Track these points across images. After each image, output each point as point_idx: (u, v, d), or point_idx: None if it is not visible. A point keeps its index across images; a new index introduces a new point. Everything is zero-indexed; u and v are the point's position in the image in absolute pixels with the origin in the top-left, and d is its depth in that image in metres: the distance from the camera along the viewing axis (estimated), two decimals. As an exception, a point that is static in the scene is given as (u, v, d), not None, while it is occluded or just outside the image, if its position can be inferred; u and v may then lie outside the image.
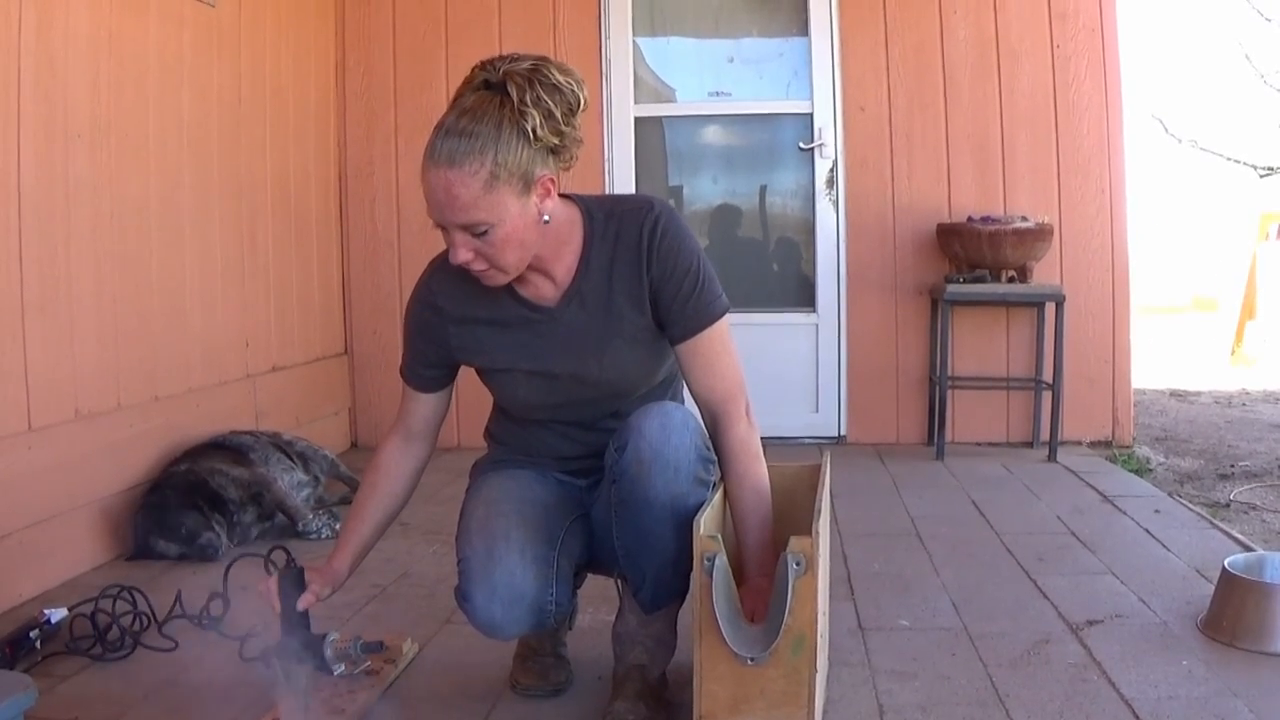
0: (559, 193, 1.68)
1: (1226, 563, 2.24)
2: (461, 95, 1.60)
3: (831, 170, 4.34)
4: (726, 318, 1.74)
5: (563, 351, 1.75)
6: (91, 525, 2.77)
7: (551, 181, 1.62)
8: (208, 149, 3.38)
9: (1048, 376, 4.12)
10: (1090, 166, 4.22)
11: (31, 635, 2.10)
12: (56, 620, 2.17)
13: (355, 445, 4.44)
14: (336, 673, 1.88)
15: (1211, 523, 3.09)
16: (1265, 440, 4.82)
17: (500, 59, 1.59)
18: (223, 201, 3.48)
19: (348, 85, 4.41)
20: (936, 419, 4.13)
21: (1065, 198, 4.23)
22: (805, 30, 4.35)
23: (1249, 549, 2.74)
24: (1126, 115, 4.22)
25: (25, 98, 2.55)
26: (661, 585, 1.72)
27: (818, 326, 4.38)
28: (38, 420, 2.59)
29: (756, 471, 1.73)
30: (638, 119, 4.43)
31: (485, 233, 1.57)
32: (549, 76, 1.57)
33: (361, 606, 2.45)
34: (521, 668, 1.97)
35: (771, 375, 4.21)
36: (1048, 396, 4.10)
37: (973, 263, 4.04)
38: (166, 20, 3.14)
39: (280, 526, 3.02)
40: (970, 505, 3.35)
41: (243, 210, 3.62)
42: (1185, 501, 3.43)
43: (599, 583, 2.04)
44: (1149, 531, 2.99)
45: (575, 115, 1.61)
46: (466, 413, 3.45)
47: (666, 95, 4.59)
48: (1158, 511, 3.22)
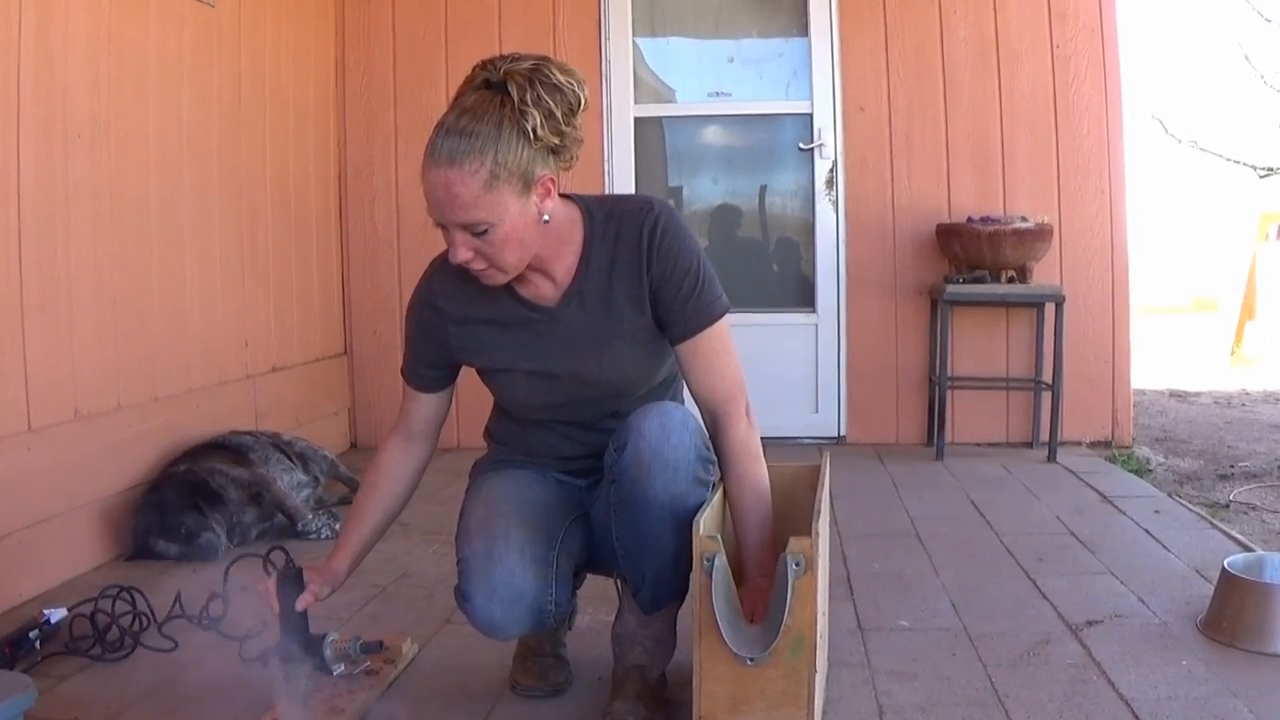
0: (559, 193, 1.68)
1: (1226, 563, 2.24)
2: (462, 94, 1.60)
3: (831, 170, 4.34)
4: (726, 318, 1.74)
5: (563, 351, 1.75)
6: (91, 525, 2.77)
7: (552, 181, 1.62)
8: (207, 149, 3.38)
9: (1047, 377, 4.12)
10: (1090, 167, 4.22)
11: (31, 635, 2.10)
12: (56, 620, 2.17)
13: (355, 445, 4.44)
14: (336, 673, 1.89)
15: (1211, 523, 3.09)
16: (1265, 441, 4.82)
17: (501, 58, 1.59)
18: (222, 201, 3.49)
19: (347, 85, 4.42)
20: (936, 419, 4.13)
21: (1065, 198, 4.23)
22: (805, 30, 4.35)
23: (1248, 549, 2.74)
24: (1126, 115, 4.22)
25: (25, 98, 2.55)
26: (661, 586, 1.72)
27: (817, 327, 4.38)
28: (37, 420, 2.59)
29: (756, 472, 1.73)
30: (637, 119, 4.43)
31: (485, 232, 1.57)
32: (550, 76, 1.57)
33: (361, 606, 2.45)
34: (521, 668, 1.97)
35: (771, 375, 4.21)
36: (1047, 397, 4.11)
37: (972, 263, 4.04)
38: (166, 20, 3.14)
39: (280, 527, 3.02)
40: (970, 505, 3.35)
41: (242, 210, 3.62)
42: (1185, 502, 3.42)
43: (598, 583, 2.04)
44: (1149, 532, 2.99)
45: (576, 115, 1.61)
46: (466, 413, 3.44)
47: (666, 95, 4.59)
48: (1157, 512, 3.22)
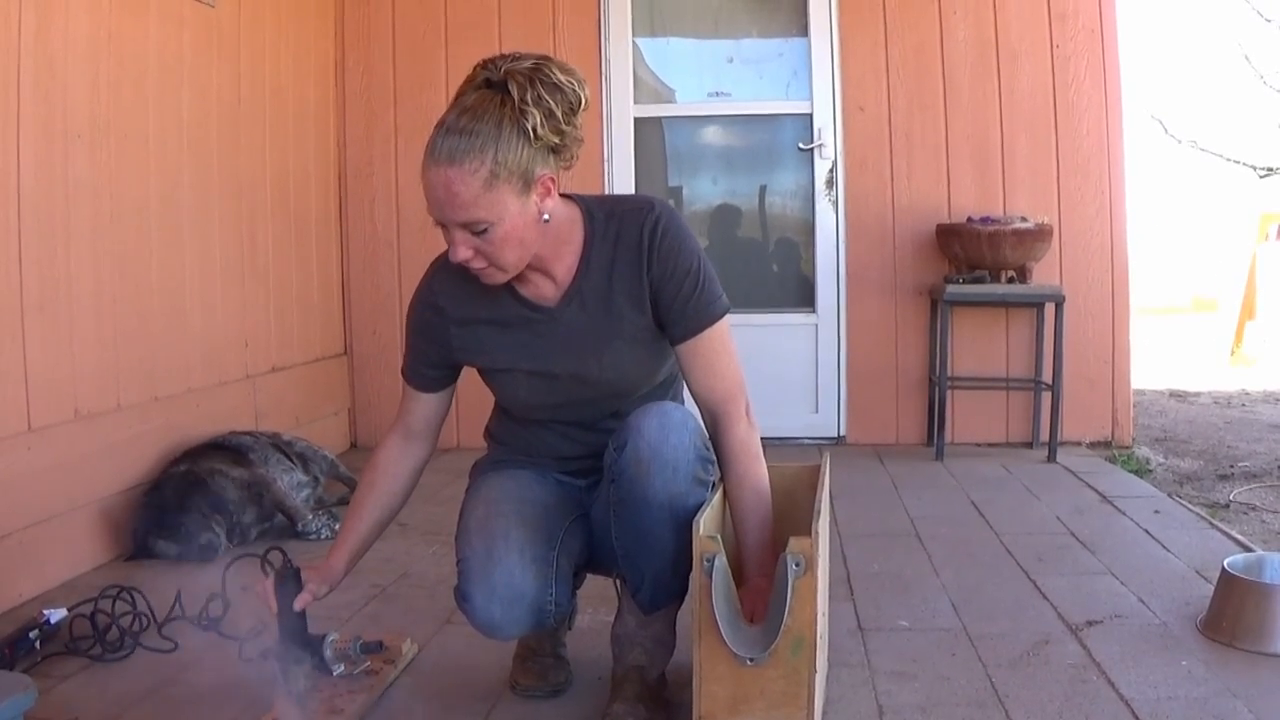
0: (560, 193, 1.68)
1: (1226, 563, 2.24)
2: (463, 94, 1.60)
3: (831, 171, 4.34)
4: (727, 318, 1.74)
5: (563, 351, 1.75)
6: (91, 526, 2.76)
7: (552, 181, 1.62)
8: (207, 149, 3.38)
9: (1047, 377, 4.12)
10: (1090, 167, 4.22)
11: (31, 636, 2.10)
12: (56, 621, 2.17)
13: (355, 445, 4.44)
14: (336, 673, 1.89)
15: (1211, 523, 3.09)
16: (1265, 441, 4.82)
17: (502, 58, 1.59)
18: (222, 202, 3.48)
19: (347, 85, 4.41)
20: (936, 419, 4.13)
21: (1065, 198, 4.23)
22: (805, 31, 4.35)
23: (1248, 549, 2.74)
24: (1126, 116, 4.22)
25: (25, 98, 2.55)
26: (660, 586, 1.72)
27: (817, 327, 4.38)
28: (37, 421, 2.59)
29: (756, 472, 1.73)
30: (637, 119, 4.43)
31: (485, 231, 1.57)
32: (550, 75, 1.57)
33: (361, 607, 2.45)
34: (521, 668, 1.97)
35: (771, 376, 4.21)
36: (1047, 397, 4.10)
37: (972, 263, 4.04)
38: (166, 21, 3.14)
39: (280, 527, 3.02)
40: (970, 506, 3.35)
41: (242, 210, 3.62)
42: (1185, 502, 3.42)
43: (598, 583, 2.04)
44: (1148, 532, 2.99)
45: (576, 115, 1.61)
46: (466, 413, 3.44)
47: (666, 96, 4.59)
48: (1157, 512, 3.22)
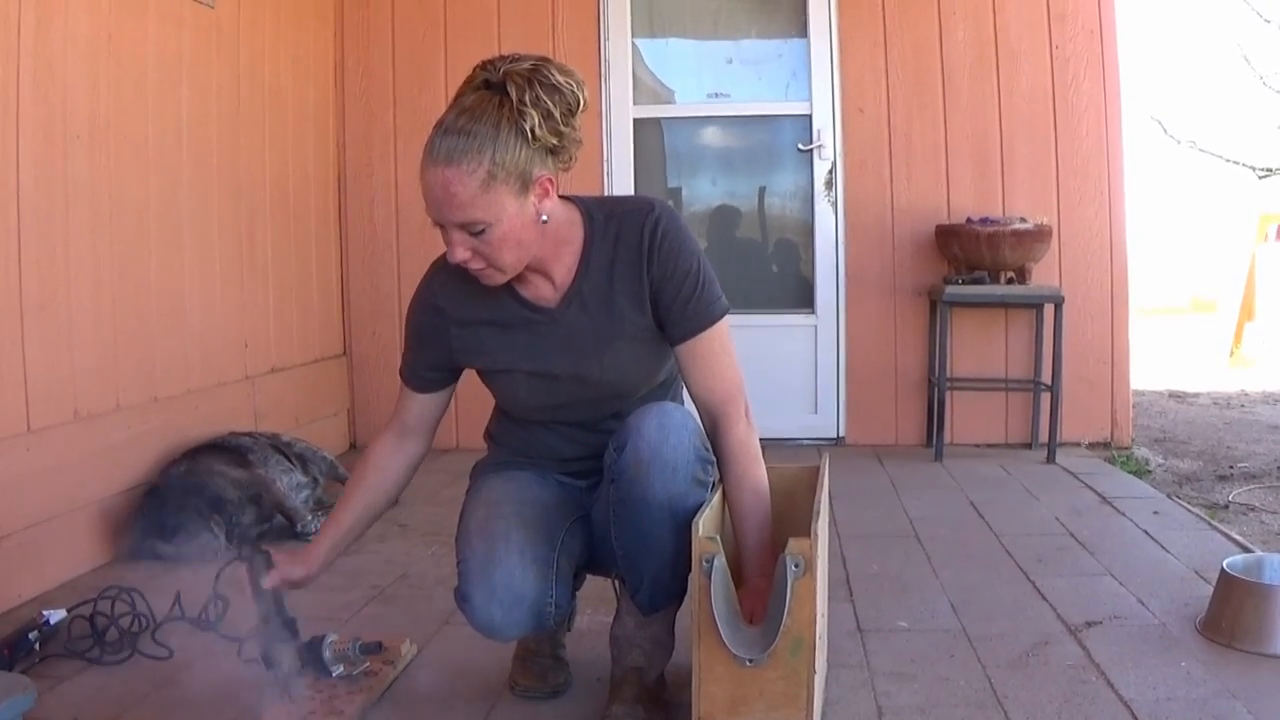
0: (559, 194, 1.68)
1: (1225, 564, 2.24)
2: (462, 94, 1.60)
3: (830, 171, 4.34)
4: (726, 319, 1.74)
5: (563, 352, 1.75)
6: (90, 527, 2.76)
7: (550, 182, 1.63)
8: (207, 150, 3.38)
9: (1046, 378, 4.13)
10: (1089, 168, 4.22)
11: (30, 636, 2.10)
12: (55, 622, 2.17)
13: (354, 446, 4.44)
14: (335, 674, 1.89)
15: (1210, 524, 3.09)
16: (1264, 441, 4.82)
17: (501, 59, 1.59)
18: (222, 203, 3.48)
19: (347, 86, 4.42)
20: (935, 420, 4.13)
21: (1064, 199, 4.23)
22: (804, 31, 4.35)
23: (1248, 550, 2.74)
24: (1125, 116, 4.22)
25: (24, 99, 2.55)
26: (659, 587, 1.72)
27: (816, 328, 4.38)
28: (36, 422, 2.58)
29: (755, 473, 1.73)
30: (637, 120, 4.43)
31: (483, 232, 1.57)
32: (549, 77, 1.57)
33: (360, 608, 2.45)
34: (520, 669, 1.97)
35: (770, 377, 4.21)
36: (1046, 398, 4.10)
37: (971, 264, 4.04)
38: (165, 21, 3.14)
39: (279, 528, 3.02)
40: (969, 506, 3.35)
41: (242, 211, 3.62)
42: (1184, 503, 3.42)
43: (597, 584, 2.04)
44: (1148, 533, 2.99)
45: (574, 116, 1.61)
46: (466, 414, 3.43)
47: (665, 96, 4.59)
48: (1156, 513, 3.22)
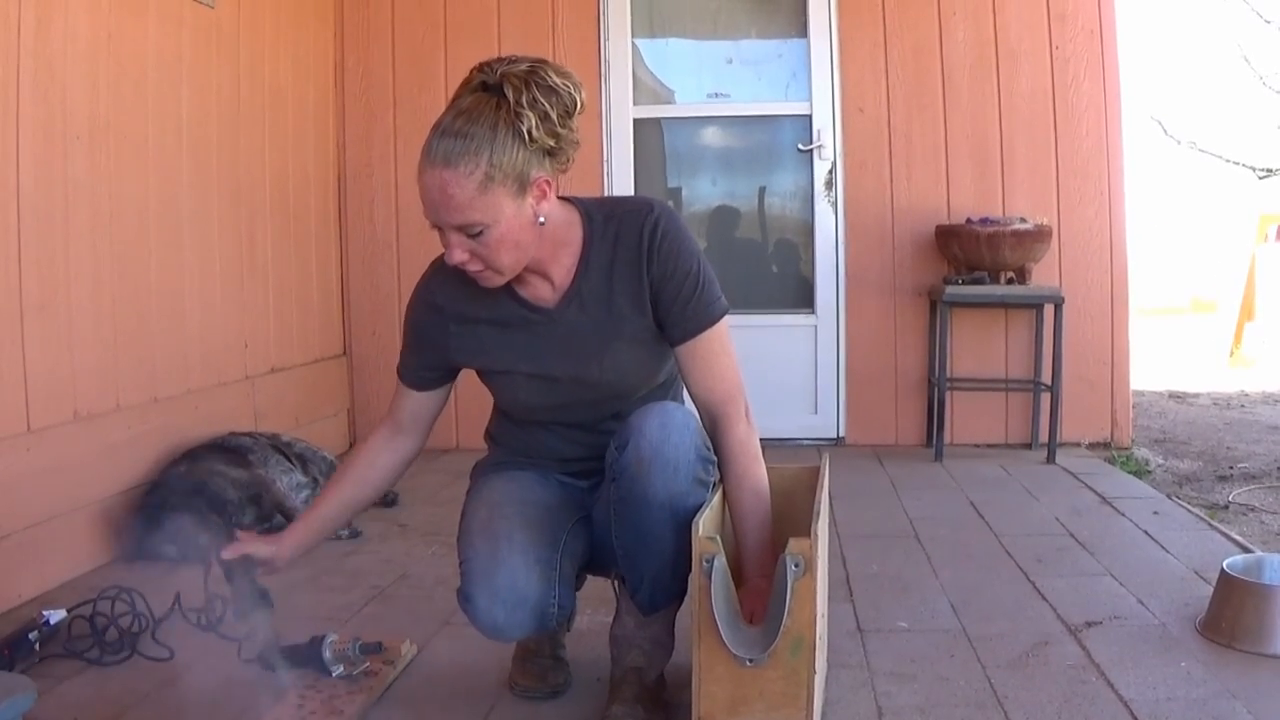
0: (558, 195, 1.68)
1: (1225, 564, 2.24)
2: (459, 96, 1.60)
3: (830, 172, 4.34)
4: (726, 319, 1.74)
5: (562, 353, 1.75)
6: (90, 527, 2.76)
7: (547, 183, 1.62)
8: (207, 150, 3.38)
9: (1046, 378, 4.12)
10: (1089, 168, 4.22)
11: (30, 637, 2.10)
12: (55, 622, 2.17)
13: (354, 446, 4.44)
14: (335, 674, 1.89)
15: (1210, 524, 3.09)
16: (1264, 442, 4.82)
17: (498, 61, 1.59)
18: (222, 203, 3.48)
19: (346, 87, 4.42)
20: (935, 420, 4.13)
21: (1064, 199, 4.23)
22: (804, 32, 4.35)
23: (1247, 550, 2.74)
24: (1125, 117, 4.22)
25: (24, 99, 2.55)
26: (659, 587, 1.72)
27: (816, 328, 4.38)
28: (36, 422, 2.59)
29: (756, 473, 1.73)
30: (636, 120, 4.43)
31: (480, 233, 1.57)
32: (546, 78, 1.57)
33: (360, 608, 2.45)
34: (520, 669, 1.97)
35: (770, 377, 4.21)
36: (1046, 398, 4.10)
37: (971, 264, 4.04)
38: (165, 21, 3.14)
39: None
40: (969, 507, 3.35)
41: (241, 212, 3.62)
42: (1184, 503, 3.42)
43: (597, 584, 2.04)
44: (1148, 533, 2.99)
45: (572, 117, 1.61)
46: (466, 414, 3.44)
47: (665, 97, 4.59)
48: (1156, 513, 3.22)
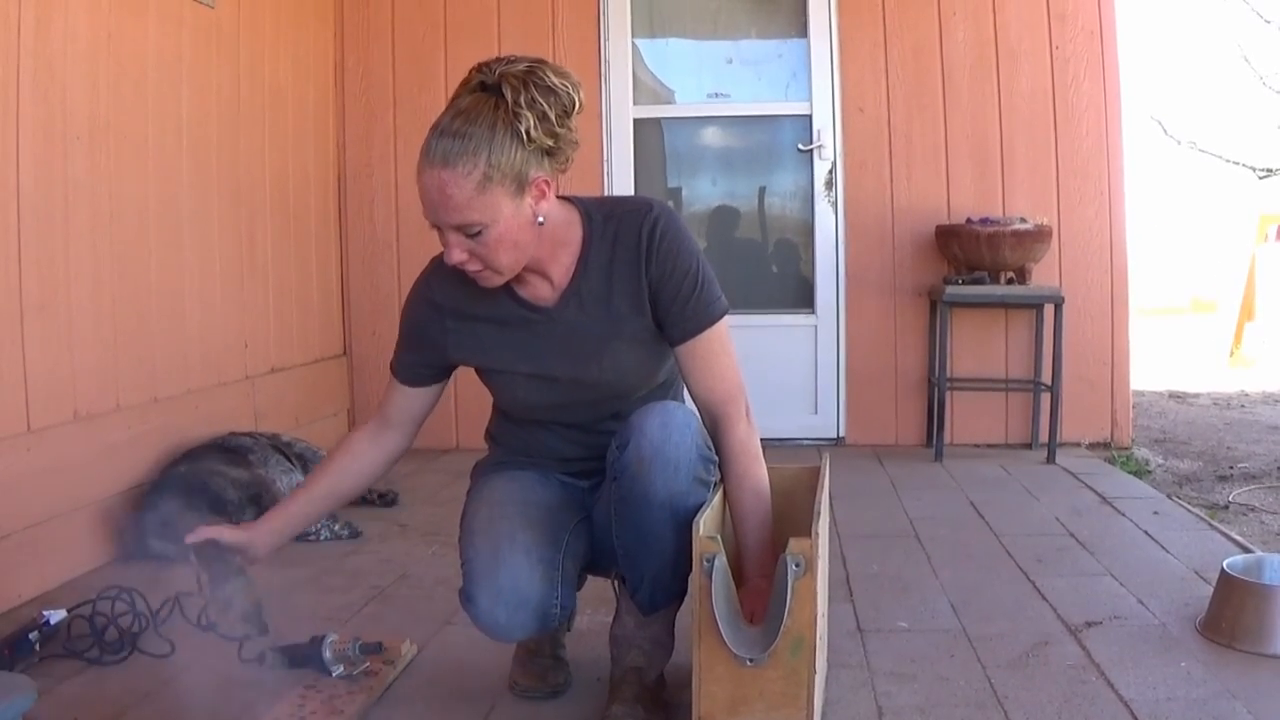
0: (557, 195, 1.68)
1: (1225, 564, 2.24)
2: (458, 97, 1.60)
3: (830, 172, 4.34)
4: (726, 319, 1.74)
5: (561, 353, 1.75)
6: (90, 526, 2.76)
7: (546, 183, 1.62)
8: (207, 150, 3.38)
9: (1046, 378, 4.12)
10: (1089, 168, 4.22)
11: (30, 636, 2.10)
12: (55, 622, 2.17)
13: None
14: (335, 674, 1.89)
15: (1210, 524, 3.09)
16: (1264, 442, 4.82)
17: (497, 61, 1.59)
18: (222, 203, 3.48)
19: (347, 86, 4.42)
20: (935, 420, 4.13)
21: (1064, 199, 4.23)
22: (804, 32, 4.35)
23: (1248, 550, 2.74)
24: (1125, 117, 4.22)
25: (24, 99, 2.55)
26: (659, 586, 1.72)
27: (817, 328, 4.38)
28: (36, 422, 2.58)
29: (756, 473, 1.73)
30: (636, 120, 4.43)
31: (479, 233, 1.57)
32: (544, 78, 1.57)
33: (360, 608, 2.45)
34: (520, 669, 1.97)
35: (770, 377, 4.21)
36: (1046, 398, 4.10)
37: (971, 264, 4.04)
38: (165, 21, 3.14)
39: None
40: (969, 507, 3.35)
41: (241, 212, 3.62)
42: (1184, 503, 3.42)
43: (597, 584, 2.04)
44: (1148, 533, 2.99)
45: (570, 117, 1.61)
46: (466, 413, 3.44)
47: (665, 97, 4.59)
48: (1156, 513, 3.22)
